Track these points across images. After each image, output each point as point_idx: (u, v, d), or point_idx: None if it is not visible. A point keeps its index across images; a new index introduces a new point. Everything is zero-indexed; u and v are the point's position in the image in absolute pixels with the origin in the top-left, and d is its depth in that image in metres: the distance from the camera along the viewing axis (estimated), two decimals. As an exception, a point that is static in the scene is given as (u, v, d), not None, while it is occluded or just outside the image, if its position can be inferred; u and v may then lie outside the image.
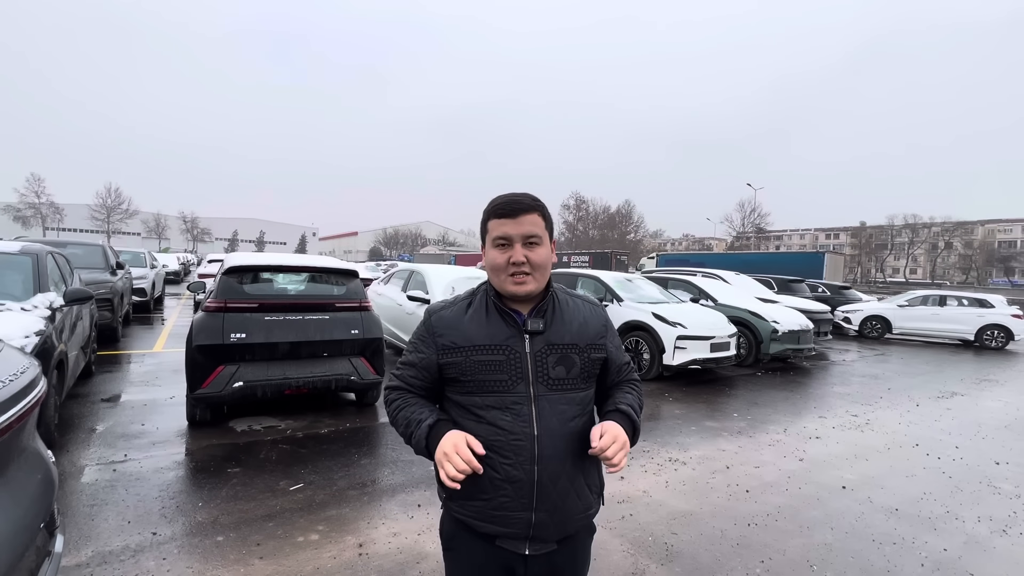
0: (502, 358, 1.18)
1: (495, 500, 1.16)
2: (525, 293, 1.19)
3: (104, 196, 68.07)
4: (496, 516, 1.17)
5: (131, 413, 4.60)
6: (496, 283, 1.22)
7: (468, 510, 1.20)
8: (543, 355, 1.19)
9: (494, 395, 1.17)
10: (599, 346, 1.27)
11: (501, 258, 1.18)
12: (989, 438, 5.14)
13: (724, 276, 11.56)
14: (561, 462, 1.18)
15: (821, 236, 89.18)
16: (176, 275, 21.69)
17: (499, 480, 1.15)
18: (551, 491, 1.17)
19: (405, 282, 7.80)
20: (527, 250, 1.17)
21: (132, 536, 2.64)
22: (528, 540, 1.18)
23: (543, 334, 1.20)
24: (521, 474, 1.15)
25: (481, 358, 1.18)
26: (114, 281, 7.61)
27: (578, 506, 1.22)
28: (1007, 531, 3.18)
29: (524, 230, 1.17)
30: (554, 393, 1.19)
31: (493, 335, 1.20)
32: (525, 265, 1.17)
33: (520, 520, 1.16)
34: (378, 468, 3.69)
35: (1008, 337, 12.30)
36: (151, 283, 11.58)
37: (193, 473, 3.46)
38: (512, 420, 1.16)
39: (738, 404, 6.11)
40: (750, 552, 2.80)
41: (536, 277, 1.19)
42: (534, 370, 1.18)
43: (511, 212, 1.17)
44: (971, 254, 66.99)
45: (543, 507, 1.16)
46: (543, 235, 1.19)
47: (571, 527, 1.22)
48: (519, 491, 1.15)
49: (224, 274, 4.46)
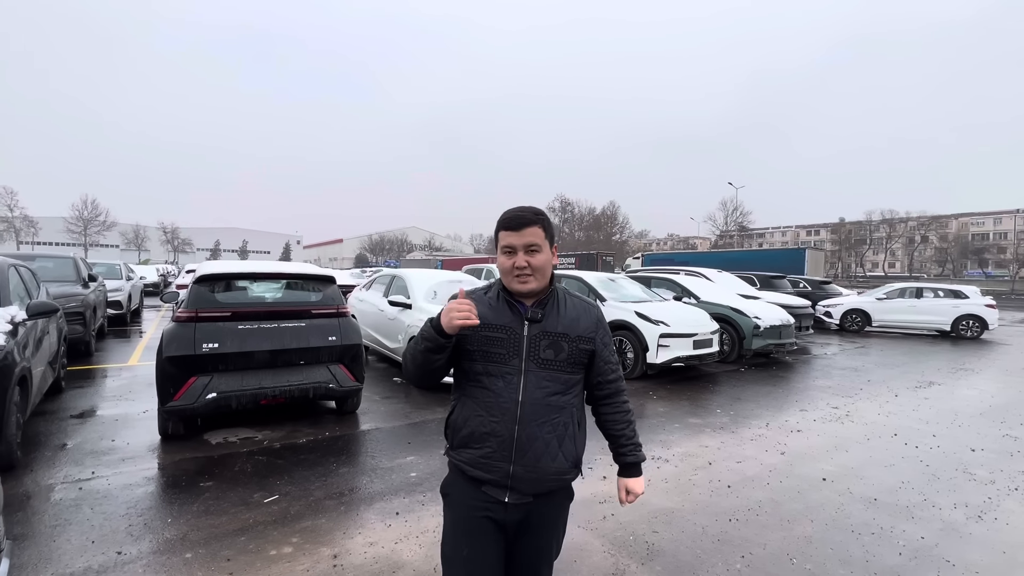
0: (503, 336, 1.44)
1: (483, 450, 1.44)
2: (527, 291, 1.45)
3: (80, 208, 66.65)
4: (482, 463, 1.44)
5: (101, 429, 4.46)
6: (506, 282, 1.49)
7: (463, 456, 1.48)
8: (537, 339, 1.45)
9: (493, 364, 1.44)
10: (588, 339, 1.50)
11: (508, 263, 1.45)
12: (965, 426, 5.22)
13: (707, 274, 11.66)
14: (539, 427, 1.42)
15: (802, 233, 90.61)
16: (155, 287, 21.22)
17: (486, 433, 1.43)
18: (527, 449, 1.42)
19: (387, 287, 7.72)
20: (528, 256, 1.43)
21: (95, 556, 2.54)
22: (508, 489, 1.44)
23: (540, 323, 1.46)
24: (504, 431, 1.42)
25: (487, 334, 1.44)
26: (86, 294, 7.41)
27: (551, 468, 1.45)
28: (982, 517, 3.22)
29: (526, 240, 1.43)
30: (542, 371, 1.44)
31: (499, 317, 1.46)
32: (527, 269, 1.43)
33: (500, 470, 1.42)
34: (357, 477, 3.62)
35: (983, 327, 12.59)
36: (127, 295, 11.31)
37: (163, 489, 3.36)
38: (503, 386, 1.43)
39: (721, 400, 6.14)
40: (731, 547, 2.79)
41: (537, 278, 1.45)
42: (527, 350, 1.44)
43: (516, 225, 1.43)
44: (946, 247, 68.63)
45: (520, 462, 1.42)
46: (543, 244, 1.45)
47: (545, 485, 1.47)
48: (501, 445, 1.42)
49: (196, 283, 4.36)
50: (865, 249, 72.22)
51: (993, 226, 76.44)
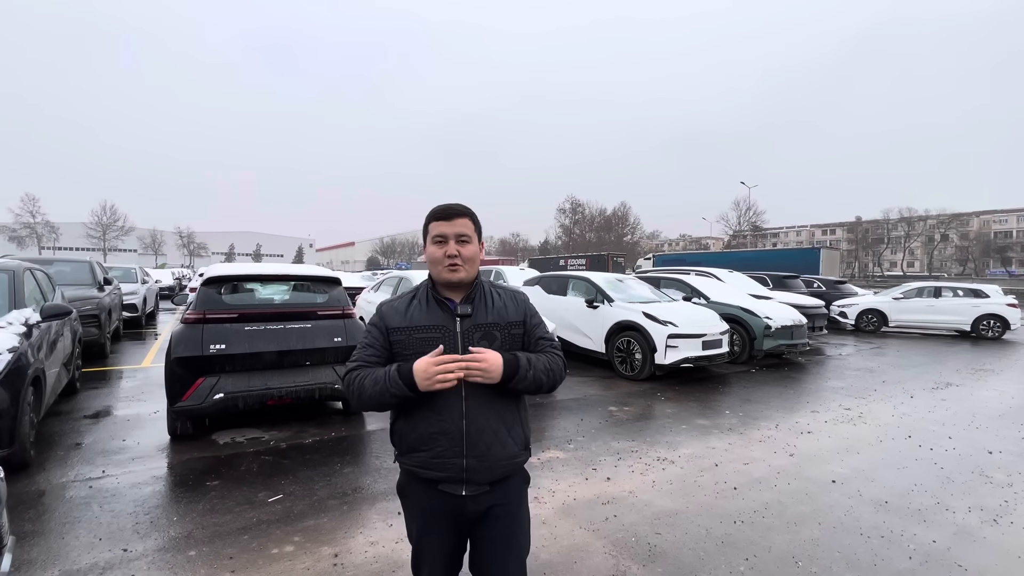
0: (438, 336, 1.46)
1: (434, 450, 1.44)
2: (457, 279, 1.47)
3: (99, 214, 68.23)
4: (435, 463, 1.44)
5: (113, 429, 4.54)
6: (434, 273, 1.50)
7: (414, 460, 1.48)
8: (470, 332, 1.47)
9: None
10: (518, 323, 1.55)
11: (439, 252, 1.47)
12: (983, 427, 5.09)
13: (717, 274, 11.54)
14: (485, 417, 1.45)
15: (817, 232, 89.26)
16: (171, 290, 21.60)
17: (436, 433, 1.44)
18: (477, 441, 1.44)
19: (394, 289, 7.77)
20: (459, 246, 1.46)
21: (102, 553, 2.59)
22: (463, 483, 1.44)
23: (471, 317, 1.49)
24: (452, 427, 1.43)
25: (421, 336, 1.47)
26: (101, 297, 7.56)
27: (503, 453, 1.48)
28: (998, 520, 3.13)
29: (457, 230, 1.46)
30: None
31: (431, 318, 1.49)
32: (457, 257, 1.46)
33: (454, 465, 1.43)
34: (360, 477, 3.63)
35: (1004, 327, 12.26)
36: (142, 298, 11.51)
37: (171, 487, 3.40)
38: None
39: (731, 401, 6.06)
40: (734, 550, 2.74)
41: (466, 267, 1.47)
42: (462, 344, 1.46)
43: (447, 216, 1.47)
44: (967, 245, 66.99)
45: (472, 454, 1.43)
46: (472, 235, 1.49)
47: (498, 471, 1.48)
48: (451, 441, 1.43)
49: (203, 285, 4.42)
50: (883, 248, 70.85)
51: (1016, 223, 74.53)
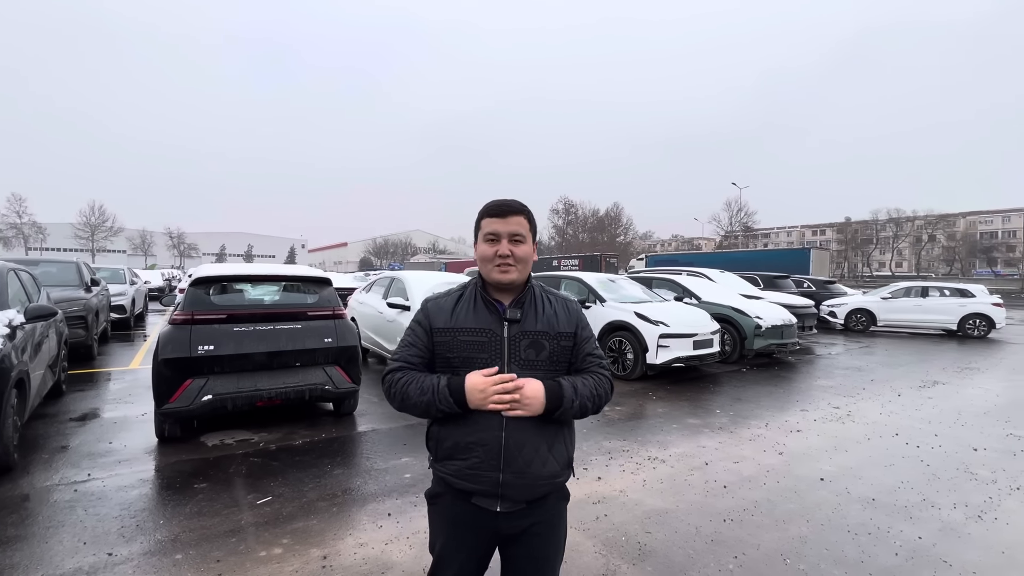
0: (484, 339, 1.39)
1: (470, 460, 1.36)
2: (508, 281, 1.40)
3: (88, 214, 67.37)
4: (470, 475, 1.36)
5: (100, 431, 4.48)
6: (484, 272, 1.43)
7: (448, 469, 1.40)
8: (517, 339, 1.39)
9: (475, 369, 1.36)
10: (568, 335, 1.45)
11: (490, 251, 1.39)
12: (968, 425, 5.16)
13: (708, 274, 11.61)
14: (525, 431, 1.36)
15: (808, 233, 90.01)
16: (160, 291, 21.38)
17: (473, 443, 1.36)
18: (516, 456, 1.35)
19: (386, 290, 7.73)
20: (512, 245, 1.38)
21: (86, 557, 2.55)
22: (499, 499, 1.36)
23: (519, 322, 1.41)
24: (490, 438, 1.34)
25: (466, 338, 1.39)
26: (88, 298, 7.47)
27: (543, 472, 1.38)
28: (982, 516, 3.17)
29: (511, 228, 1.39)
30: (526, 372, 1.37)
31: (479, 320, 1.41)
32: (510, 258, 1.38)
33: (490, 479, 1.35)
34: (351, 478, 3.61)
35: (990, 326, 12.45)
36: (131, 299, 11.40)
37: (157, 490, 3.36)
38: None
39: (722, 400, 6.10)
40: (724, 548, 2.76)
41: (518, 269, 1.40)
42: (509, 351, 1.39)
43: (501, 213, 1.40)
44: (954, 246, 67.88)
45: (510, 469, 1.35)
46: (527, 235, 1.41)
47: (538, 490, 1.40)
48: (488, 453, 1.35)
49: (191, 285, 4.38)
50: (872, 248, 71.62)
51: (1002, 224, 75.62)
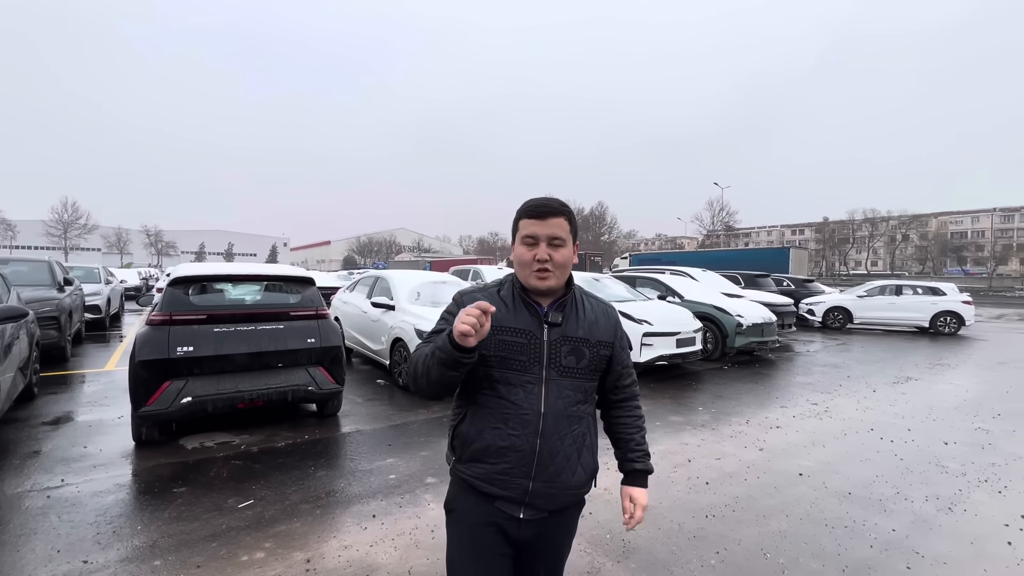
0: (523, 341, 1.32)
1: (500, 465, 1.31)
2: (546, 288, 1.33)
3: (60, 211, 65.35)
4: (499, 479, 1.32)
5: (74, 435, 4.36)
6: (521, 277, 1.36)
7: (474, 471, 1.35)
8: (558, 344, 1.33)
9: (512, 372, 1.31)
10: (607, 343, 1.41)
11: (528, 255, 1.31)
12: (940, 420, 5.32)
13: (691, 273, 11.77)
14: (561, 439, 1.33)
15: (787, 232, 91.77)
16: (137, 291, 20.85)
17: (504, 447, 1.31)
18: (549, 464, 1.31)
19: (370, 289, 7.66)
20: (551, 249, 1.30)
21: (60, 566, 2.48)
22: (524, 506, 1.34)
23: (560, 326, 1.35)
24: (524, 444, 1.30)
25: (505, 338, 1.31)
26: (60, 298, 7.25)
27: (571, 482, 1.36)
28: (952, 509, 3.28)
29: (550, 231, 1.30)
30: (564, 379, 1.34)
31: (518, 320, 1.34)
32: (548, 263, 1.30)
33: (519, 486, 1.31)
34: (335, 480, 3.58)
35: (960, 323, 12.85)
36: (106, 299, 11.08)
37: (135, 495, 3.29)
38: (524, 396, 1.31)
39: (704, 398, 6.19)
40: (706, 544, 2.81)
41: (557, 274, 1.32)
42: (548, 356, 1.32)
43: (540, 214, 1.30)
44: (927, 245, 69.97)
45: (541, 477, 1.32)
46: (567, 238, 1.32)
47: (564, 500, 1.38)
48: (521, 460, 1.30)
49: (170, 285, 4.29)
50: (848, 248, 73.36)
51: (971, 224, 78.09)
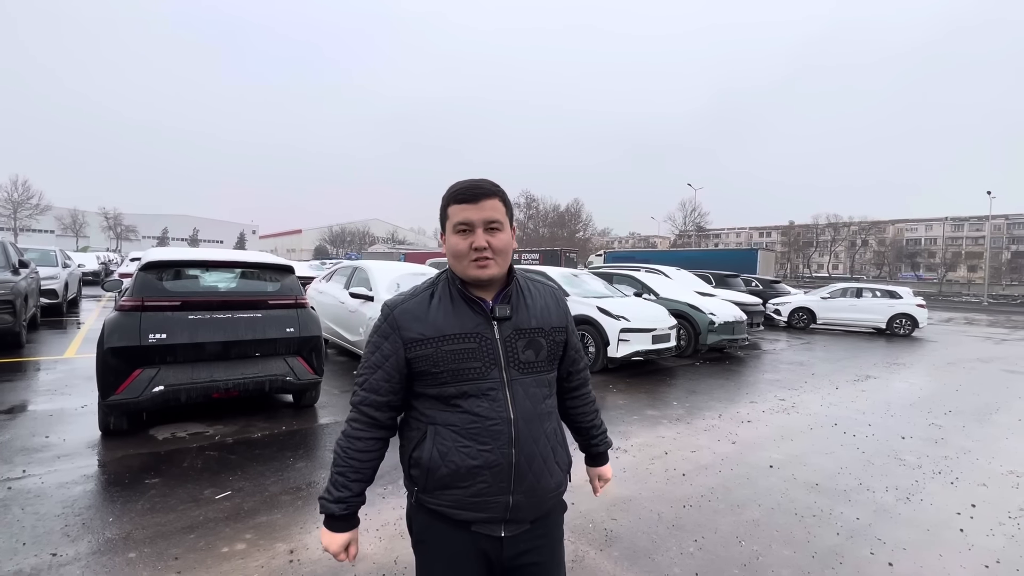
0: (474, 345, 1.18)
1: (473, 487, 1.17)
2: (488, 277, 1.19)
3: (10, 189, 61.49)
4: (474, 503, 1.18)
5: (33, 425, 4.16)
6: (459, 269, 1.21)
7: (444, 499, 1.19)
8: (512, 340, 1.21)
9: (469, 382, 1.17)
10: (561, 328, 1.31)
11: (463, 244, 1.17)
12: (897, 416, 5.62)
13: (666, 271, 12.01)
14: (536, 443, 1.21)
15: (755, 234, 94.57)
16: (95, 275, 19.94)
17: (477, 467, 1.16)
18: (527, 473, 1.19)
19: (348, 279, 7.54)
20: (488, 235, 1.17)
21: (27, 559, 2.38)
22: (504, 523, 1.20)
23: (510, 320, 1.22)
24: (500, 458, 1.16)
25: (453, 347, 1.17)
26: (15, 281, 6.87)
27: (551, 484, 1.25)
28: (910, 499, 3.48)
29: (485, 215, 1.17)
30: (526, 376, 1.22)
31: (463, 323, 1.19)
32: (487, 250, 1.17)
33: (498, 504, 1.18)
34: (315, 471, 3.53)
35: (914, 325, 13.54)
36: (63, 284, 10.56)
37: (104, 487, 3.17)
38: (488, 406, 1.17)
39: (678, 393, 6.35)
40: (684, 532, 2.90)
41: (498, 262, 1.19)
42: (505, 355, 1.20)
43: (472, 197, 1.17)
44: (884, 251, 73.43)
45: (520, 489, 1.19)
46: (504, 220, 1.20)
47: (545, 506, 1.26)
48: (497, 476, 1.17)
49: (142, 270, 4.12)
50: (812, 251, 76.16)
51: (924, 232, 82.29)
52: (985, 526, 3.12)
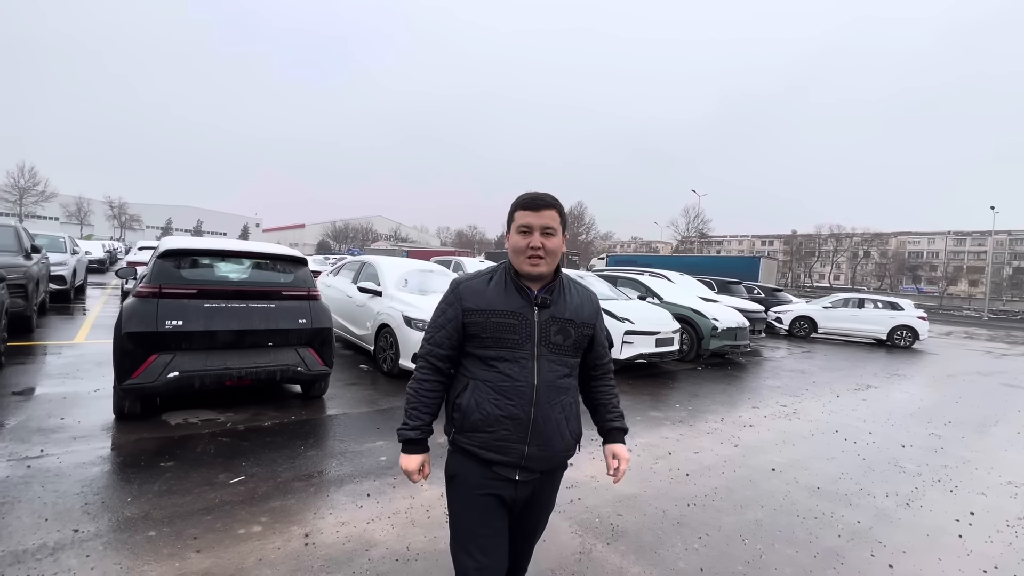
0: (515, 322, 1.47)
1: (498, 433, 1.47)
2: (537, 273, 1.48)
3: (16, 176, 61.62)
4: (497, 446, 1.47)
5: (48, 407, 4.23)
6: (515, 263, 1.51)
7: (474, 440, 1.49)
8: (547, 324, 1.49)
9: (507, 349, 1.47)
10: (590, 325, 1.59)
11: (523, 243, 1.47)
12: (897, 425, 5.67)
13: (669, 276, 12.06)
14: (551, 408, 1.50)
15: (758, 242, 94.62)
16: (101, 263, 20.02)
17: (503, 417, 1.46)
18: (542, 429, 1.48)
19: (356, 274, 7.60)
20: (544, 238, 1.46)
21: (50, 534, 2.45)
22: (519, 468, 1.50)
23: (549, 308, 1.50)
24: (521, 413, 1.47)
25: (499, 320, 1.47)
26: (28, 265, 6.93)
27: (560, 445, 1.54)
28: (910, 504, 3.54)
29: (543, 222, 1.46)
30: (552, 355, 1.50)
31: (510, 303, 1.49)
32: (541, 250, 1.46)
33: (516, 451, 1.48)
34: (325, 459, 3.60)
35: (915, 337, 13.58)
36: (71, 270, 10.62)
37: (121, 468, 3.24)
38: (519, 370, 1.47)
39: (680, 396, 6.41)
40: (689, 529, 2.96)
41: (548, 261, 1.48)
42: (539, 335, 1.48)
43: (535, 206, 1.47)
44: (886, 263, 73.45)
45: (535, 442, 1.48)
46: (557, 228, 1.48)
47: (554, 462, 1.56)
48: (518, 427, 1.47)
49: (160, 258, 4.19)
50: (814, 261, 76.20)
51: (927, 245, 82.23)
52: (983, 533, 3.18)
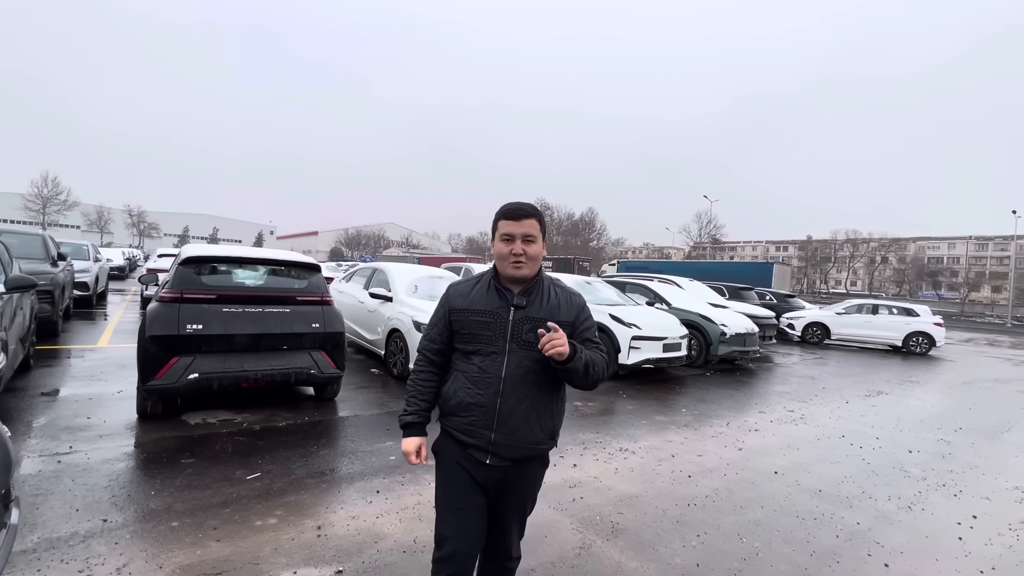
0: (491, 320, 1.64)
1: (468, 419, 1.64)
2: (520, 276, 1.64)
3: (40, 185, 63.57)
4: (468, 430, 1.64)
5: (75, 407, 4.44)
6: (500, 268, 1.67)
7: (452, 423, 1.68)
8: (520, 323, 1.63)
9: (481, 344, 1.64)
10: (567, 323, 1.65)
11: (506, 249, 1.63)
12: (906, 431, 5.66)
13: (678, 282, 12.08)
14: (518, 400, 1.62)
15: (771, 248, 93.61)
16: (121, 270, 20.59)
17: (472, 404, 1.63)
18: (508, 419, 1.62)
19: (368, 280, 7.78)
20: (525, 245, 1.61)
21: (81, 523, 2.61)
22: (489, 453, 1.63)
23: (524, 309, 1.64)
24: (487, 402, 1.62)
25: (477, 319, 1.65)
26: (55, 272, 7.23)
27: (528, 438, 1.65)
28: (911, 507, 3.57)
29: (524, 230, 1.62)
30: (523, 351, 1.63)
31: (488, 304, 1.66)
32: (522, 256, 1.61)
33: (483, 436, 1.63)
34: (337, 458, 3.74)
35: (931, 344, 13.38)
36: (94, 277, 10.99)
37: (144, 464, 3.41)
38: (489, 363, 1.63)
39: (687, 401, 6.45)
40: (688, 528, 3.04)
41: (529, 265, 1.63)
42: (512, 332, 1.63)
43: (515, 216, 1.62)
44: (904, 268, 72.08)
45: (501, 430, 1.62)
46: (537, 235, 1.64)
47: (522, 452, 1.66)
48: (485, 414, 1.62)
49: (181, 264, 4.39)
50: (830, 267, 75.13)
51: (947, 250, 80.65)
52: (984, 536, 3.20)
